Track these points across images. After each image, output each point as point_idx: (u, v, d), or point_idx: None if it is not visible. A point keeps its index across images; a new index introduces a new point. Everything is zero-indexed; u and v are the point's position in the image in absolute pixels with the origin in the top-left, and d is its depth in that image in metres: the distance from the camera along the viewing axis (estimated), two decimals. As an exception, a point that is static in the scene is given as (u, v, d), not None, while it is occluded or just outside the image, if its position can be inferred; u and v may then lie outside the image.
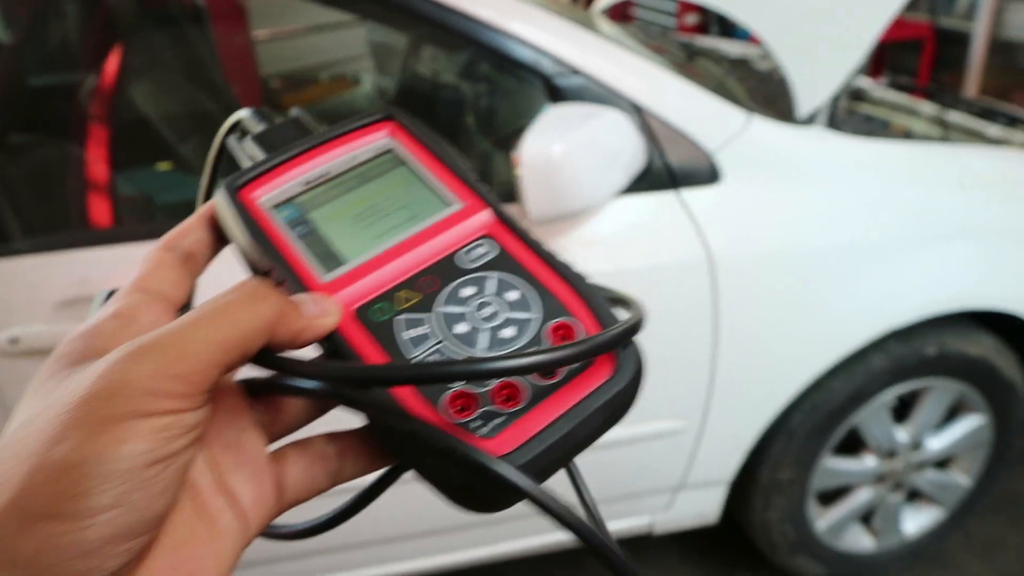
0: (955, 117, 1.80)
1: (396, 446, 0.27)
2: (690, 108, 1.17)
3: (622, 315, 0.28)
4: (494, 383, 0.26)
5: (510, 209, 1.15)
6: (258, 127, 0.34)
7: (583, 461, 0.28)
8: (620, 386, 0.27)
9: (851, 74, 1.26)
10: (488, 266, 0.30)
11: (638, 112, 1.12)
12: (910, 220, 1.28)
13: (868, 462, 1.53)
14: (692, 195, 1.16)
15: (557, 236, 1.11)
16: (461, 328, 0.28)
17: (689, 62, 1.67)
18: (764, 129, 1.20)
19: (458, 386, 0.26)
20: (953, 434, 1.55)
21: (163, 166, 1.52)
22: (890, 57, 4.05)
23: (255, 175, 0.31)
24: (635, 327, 0.27)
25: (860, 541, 1.64)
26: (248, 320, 0.24)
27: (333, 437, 0.29)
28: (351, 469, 0.29)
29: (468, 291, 0.29)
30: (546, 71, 1.10)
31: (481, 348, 0.27)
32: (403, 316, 0.28)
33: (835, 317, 1.29)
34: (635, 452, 1.32)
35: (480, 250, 0.30)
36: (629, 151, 1.06)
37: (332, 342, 0.27)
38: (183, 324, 0.23)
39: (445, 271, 0.29)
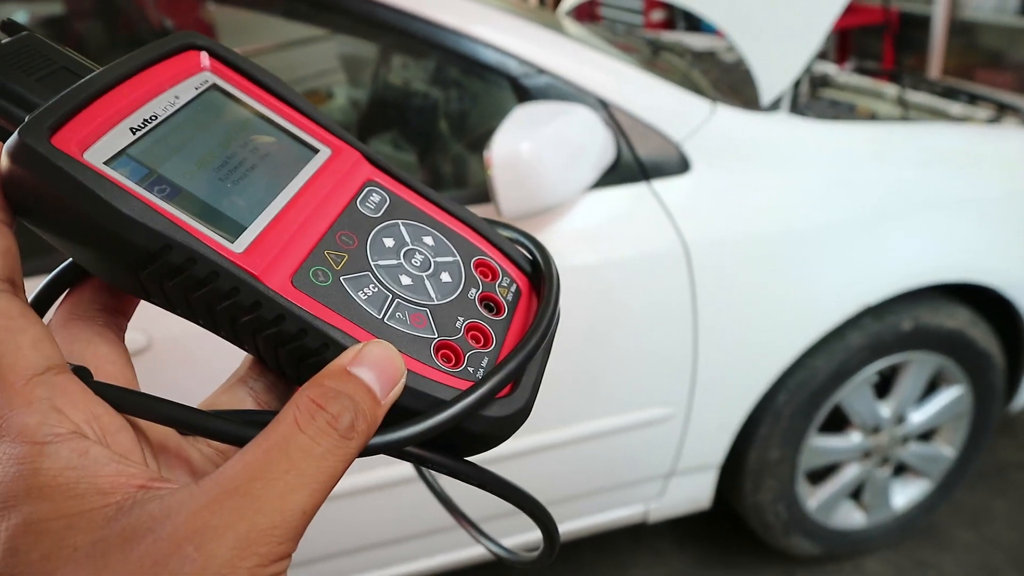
0: (919, 98, 1.84)
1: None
2: (655, 100, 1.19)
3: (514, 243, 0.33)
4: (463, 327, 0.28)
5: (484, 209, 1.16)
6: None
7: (574, 454, 0.32)
8: (553, 304, 0.30)
9: (810, 59, 1.29)
10: (390, 214, 0.29)
11: (604, 107, 1.14)
12: (875, 198, 1.31)
13: (854, 438, 1.56)
14: (663, 185, 1.18)
15: (534, 231, 1.13)
16: (406, 280, 0.28)
17: (654, 57, 1.69)
18: (729, 117, 1.23)
19: (440, 338, 0.27)
20: (934, 406, 1.58)
21: None
22: (855, 42, 4.11)
23: (60, 118, 0.22)
24: (553, 277, 0.31)
25: (851, 517, 1.67)
26: (344, 466, 0.22)
27: None
28: None
29: (389, 242, 0.28)
30: (512, 72, 1.12)
31: (433, 297, 0.28)
32: (346, 277, 0.26)
33: (810, 297, 1.32)
34: (625, 441, 1.34)
35: (375, 198, 0.30)
36: (597, 145, 1.08)
37: (281, 320, 0.24)
38: (290, 497, 0.20)
39: (356, 224, 0.28)
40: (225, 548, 0.19)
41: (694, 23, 3.83)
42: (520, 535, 1.42)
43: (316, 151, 0.29)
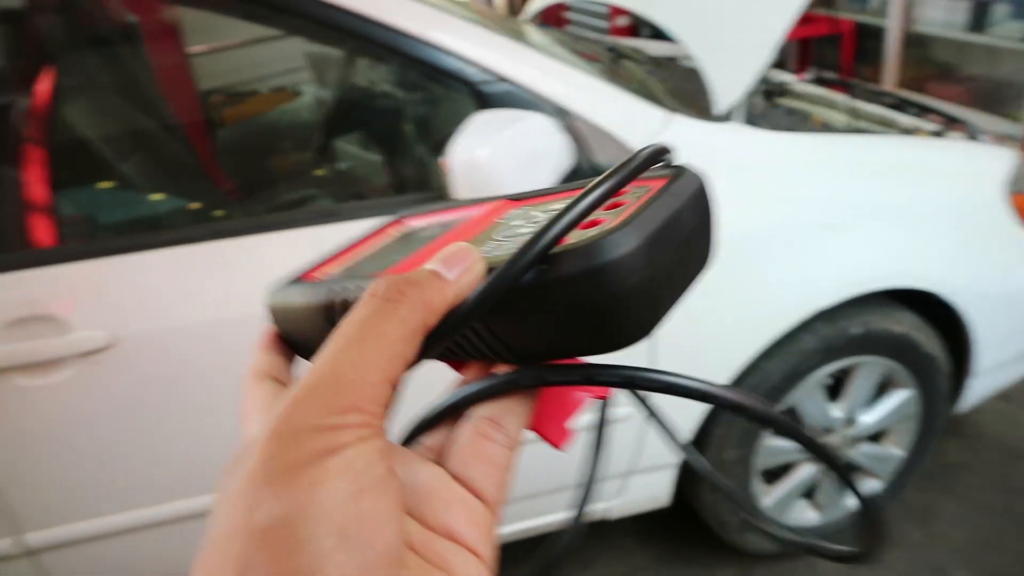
0: (871, 109, 1.90)
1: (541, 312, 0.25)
2: (613, 109, 1.22)
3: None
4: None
5: None
6: None
7: (538, 452, 0.30)
8: (691, 187, 0.28)
9: (762, 71, 1.33)
10: (524, 214, 0.32)
11: (563, 115, 1.17)
12: (826, 207, 1.35)
13: (806, 439, 1.60)
14: (620, 192, 1.21)
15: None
16: (523, 231, 0.29)
17: (615, 65, 1.72)
18: (684, 126, 1.26)
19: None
20: (884, 408, 1.63)
21: (104, 185, 1.52)
22: (815, 52, 4.21)
23: (296, 276, 0.34)
24: (660, 150, 0.28)
25: (805, 516, 1.71)
26: (397, 331, 0.23)
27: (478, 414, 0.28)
28: (516, 422, 0.28)
29: (518, 222, 0.31)
30: (472, 79, 1.14)
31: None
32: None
33: (764, 302, 1.35)
34: (586, 440, 1.36)
35: (513, 212, 0.33)
36: (554, 152, 1.10)
37: None
38: (335, 357, 0.22)
39: (494, 231, 0.31)
40: (293, 397, 0.22)
41: (659, 30, 3.88)
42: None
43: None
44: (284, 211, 1.44)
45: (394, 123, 1.60)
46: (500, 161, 0.98)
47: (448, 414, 0.29)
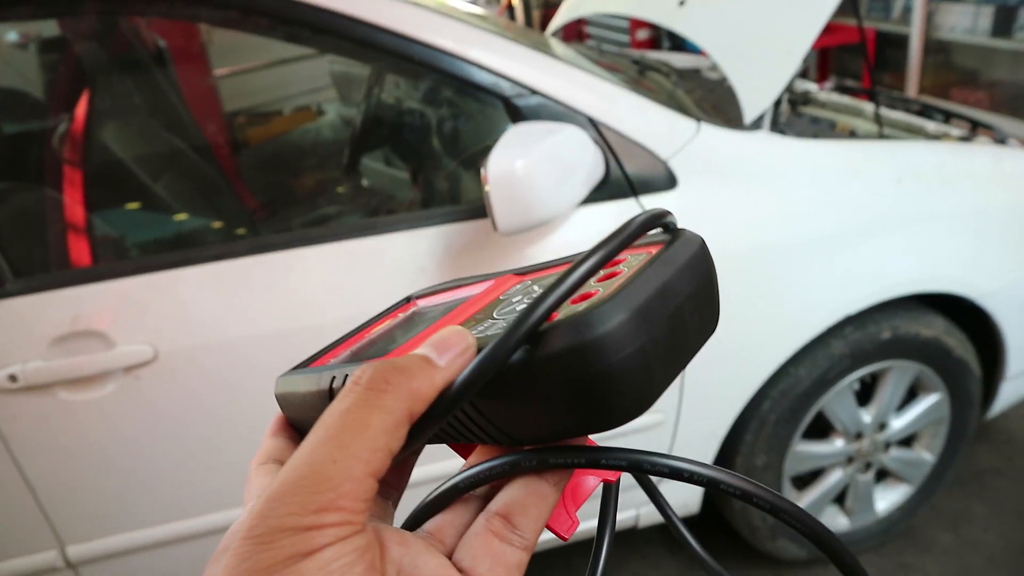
0: (896, 116, 1.91)
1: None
2: (643, 120, 1.24)
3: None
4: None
5: (480, 223, 1.19)
6: None
7: None
8: (688, 251, 0.27)
9: (789, 80, 1.34)
10: (524, 291, 0.32)
11: (594, 126, 1.19)
12: (855, 213, 1.36)
13: (837, 444, 1.60)
14: (651, 201, 1.23)
15: (528, 246, 1.17)
16: (521, 306, 0.29)
17: (641, 76, 1.75)
18: (713, 136, 1.28)
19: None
20: (914, 413, 1.63)
21: (131, 206, 1.57)
22: (835, 61, 4.21)
23: (307, 362, 0.36)
24: (653, 216, 0.28)
25: (835, 521, 1.71)
26: (380, 422, 0.22)
27: (479, 505, 0.28)
28: (531, 524, 0.26)
29: (517, 297, 0.32)
30: (505, 93, 1.17)
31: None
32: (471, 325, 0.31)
33: (792, 308, 1.37)
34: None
35: (516, 287, 0.34)
36: (588, 163, 1.13)
37: None
38: (314, 451, 0.22)
39: (496, 308, 0.32)
40: (269, 494, 0.21)
41: (678, 42, 3.91)
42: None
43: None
44: (315, 226, 1.47)
45: (421, 139, 1.63)
46: (536, 172, 1.01)
47: (448, 498, 0.28)
